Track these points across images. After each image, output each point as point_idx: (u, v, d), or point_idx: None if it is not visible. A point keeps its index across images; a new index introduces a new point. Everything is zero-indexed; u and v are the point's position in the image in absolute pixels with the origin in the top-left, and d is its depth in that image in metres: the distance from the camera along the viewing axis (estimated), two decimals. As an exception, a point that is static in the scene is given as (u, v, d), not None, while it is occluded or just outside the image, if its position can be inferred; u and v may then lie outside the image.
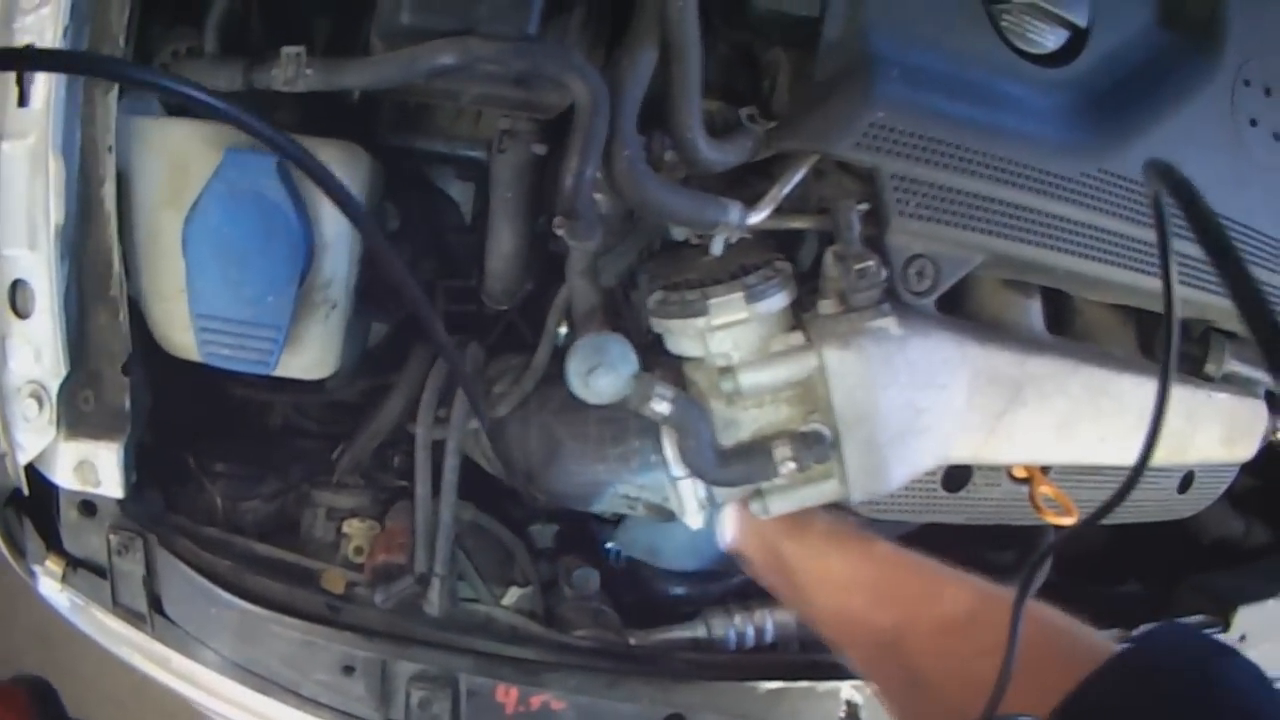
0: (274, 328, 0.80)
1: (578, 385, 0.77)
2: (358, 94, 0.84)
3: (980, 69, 0.79)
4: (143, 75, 0.60)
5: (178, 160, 0.80)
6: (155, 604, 0.89)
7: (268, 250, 0.78)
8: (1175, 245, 0.44)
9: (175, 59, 0.83)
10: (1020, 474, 0.93)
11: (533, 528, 1.06)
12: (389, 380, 0.99)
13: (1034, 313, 0.89)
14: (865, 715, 0.90)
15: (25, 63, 0.63)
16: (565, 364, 0.77)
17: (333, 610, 0.90)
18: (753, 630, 0.96)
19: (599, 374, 0.75)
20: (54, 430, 0.82)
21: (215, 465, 0.99)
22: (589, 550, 1.07)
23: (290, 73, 0.73)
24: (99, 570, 0.89)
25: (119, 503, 0.86)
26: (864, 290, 0.74)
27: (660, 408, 0.76)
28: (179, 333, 0.84)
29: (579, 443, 0.87)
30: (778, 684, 0.89)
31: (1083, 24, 0.82)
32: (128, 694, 1.89)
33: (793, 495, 0.78)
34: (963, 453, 0.83)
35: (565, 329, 0.89)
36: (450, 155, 0.97)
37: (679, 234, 0.86)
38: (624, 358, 0.76)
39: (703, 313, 0.75)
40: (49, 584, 0.93)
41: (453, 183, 1.05)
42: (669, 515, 0.87)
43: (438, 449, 0.91)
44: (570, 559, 1.03)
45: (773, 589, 0.89)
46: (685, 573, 1.07)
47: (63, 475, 0.84)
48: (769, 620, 0.96)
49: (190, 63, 0.80)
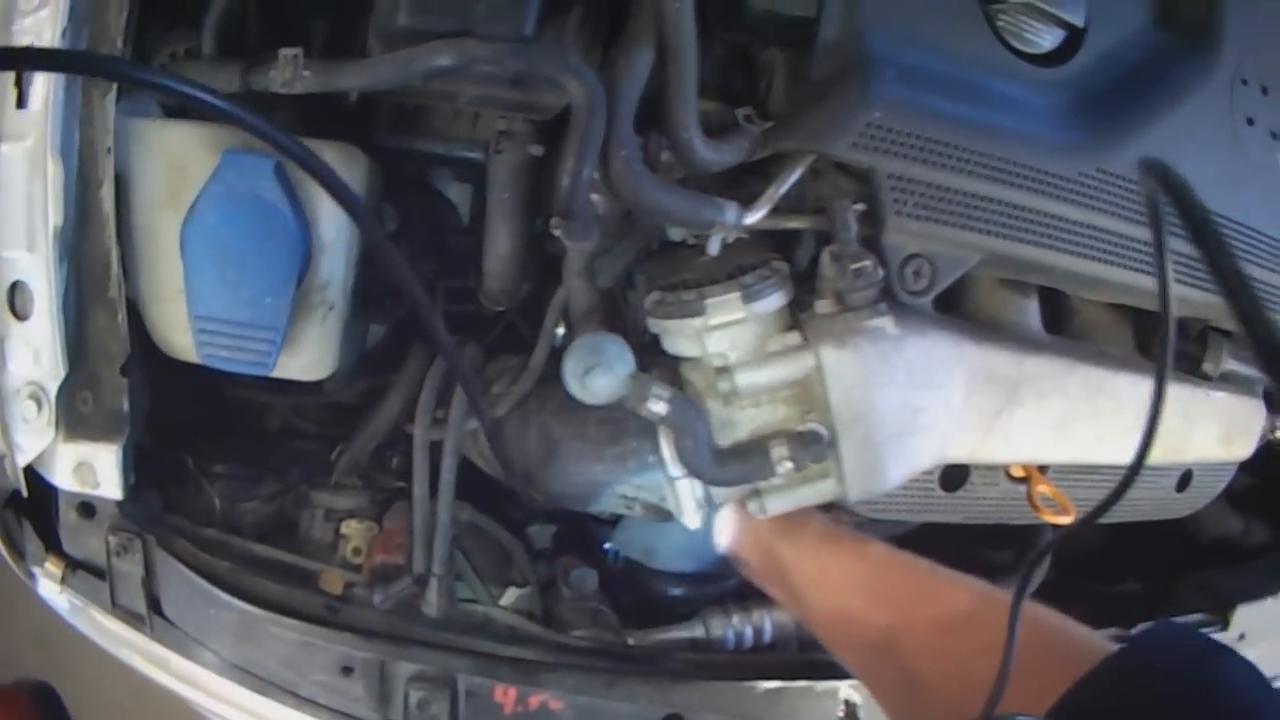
0: (272, 329, 0.80)
1: (574, 385, 0.76)
2: (355, 95, 0.84)
3: (977, 69, 0.79)
4: (143, 75, 0.60)
5: (176, 162, 0.81)
6: (154, 605, 0.89)
7: (265, 252, 0.78)
8: (1171, 244, 0.44)
9: (173, 61, 0.83)
10: (1018, 473, 0.93)
11: (531, 528, 1.06)
12: (387, 381, 0.99)
13: (1031, 312, 0.89)
14: (863, 715, 0.90)
15: (26, 62, 0.63)
16: (562, 364, 0.77)
17: (331, 611, 0.90)
18: (751, 630, 0.96)
19: (596, 374, 0.75)
20: (53, 432, 0.82)
21: (214, 466, 0.99)
22: (587, 550, 1.07)
23: (288, 74, 0.73)
24: (98, 571, 0.89)
25: (118, 504, 0.86)
26: (861, 290, 0.74)
27: (657, 408, 0.76)
28: (177, 334, 0.84)
29: (577, 443, 0.87)
30: (776, 684, 0.89)
31: (1079, 24, 0.82)
32: (128, 697, 1.89)
33: (790, 495, 0.78)
34: (960, 452, 0.83)
35: (563, 329, 0.89)
36: (448, 157, 0.97)
37: (676, 234, 0.86)
38: (621, 358, 0.76)
39: (699, 313, 0.75)
40: (48, 585, 0.93)
41: (450, 184, 1.05)
42: (667, 515, 0.87)
43: (435, 450, 0.91)
44: (568, 559, 1.03)
45: (769, 591, 0.89)
46: (683, 574, 1.07)
47: (62, 477, 0.84)
48: (767, 620, 0.96)
49: (188, 64, 0.80)
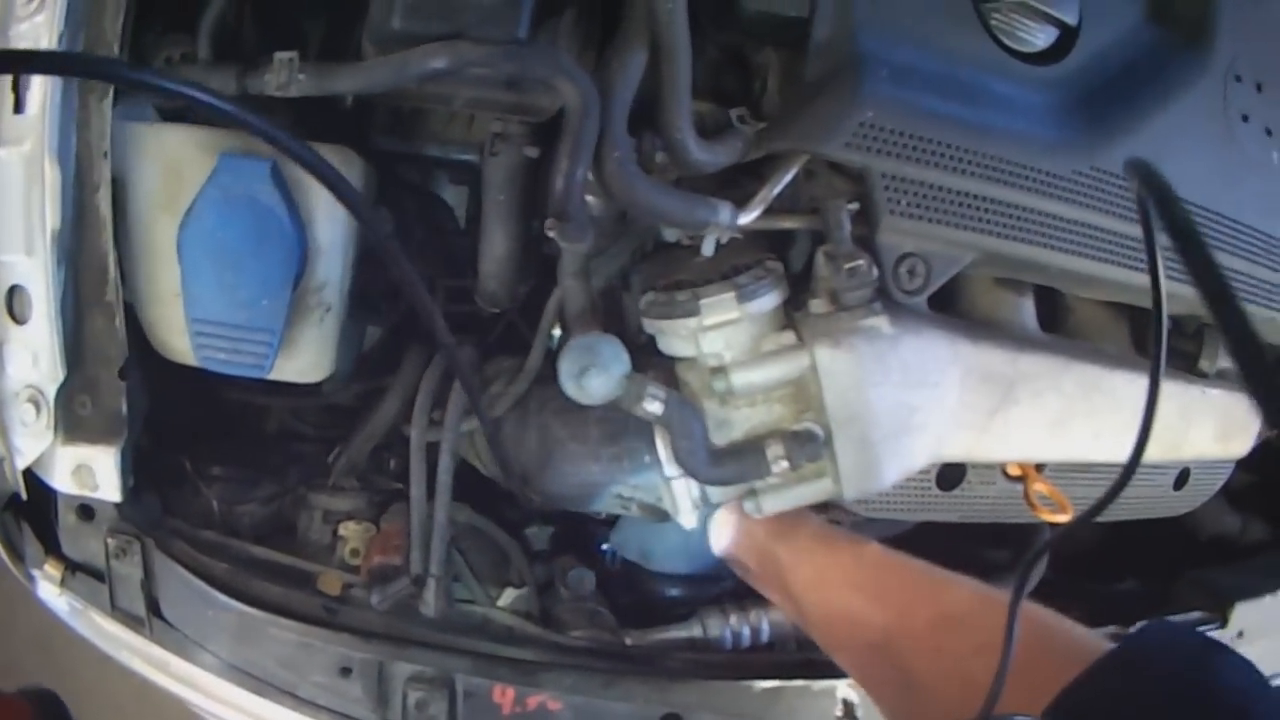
0: (268, 331, 0.80)
1: (570, 386, 0.77)
2: (350, 99, 0.85)
3: (970, 68, 0.79)
4: (142, 77, 0.60)
5: (172, 165, 0.81)
6: (153, 607, 0.89)
7: (262, 254, 0.78)
8: (1164, 241, 0.44)
9: (169, 65, 0.83)
10: (1014, 472, 0.93)
11: (528, 529, 1.06)
12: (384, 383, 0.99)
13: (1026, 310, 0.90)
14: (861, 714, 0.90)
15: (24, 65, 0.63)
16: (557, 365, 0.77)
17: (329, 612, 0.90)
18: (748, 630, 0.96)
19: (591, 375, 0.75)
20: (51, 435, 0.82)
21: (212, 469, 0.99)
22: (584, 551, 1.07)
23: (283, 78, 0.73)
24: (97, 574, 0.90)
25: (117, 506, 0.86)
26: (855, 289, 0.74)
27: (653, 408, 0.76)
28: (175, 337, 0.84)
29: (574, 443, 0.87)
30: (774, 683, 0.89)
31: (1072, 22, 0.82)
32: (128, 700, 1.89)
33: (786, 494, 0.79)
34: (956, 451, 0.84)
35: (559, 330, 0.89)
36: (443, 159, 0.98)
37: (671, 235, 0.86)
38: (616, 358, 0.76)
39: (694, 313, 0.75)
40: (48, 588, 0.93)
41: (447, 187, 1.05)
42: (663, 515, 0.87)
43: (432, 451, 0.91)
44: (566, 560, 1.03)
45: (765, 594, 0.89)
46: (681, 574, 1.07)
47: (61, 479, 0.84)
48: (764, 620, 0.96)
49: (184, 68, 0.80)
